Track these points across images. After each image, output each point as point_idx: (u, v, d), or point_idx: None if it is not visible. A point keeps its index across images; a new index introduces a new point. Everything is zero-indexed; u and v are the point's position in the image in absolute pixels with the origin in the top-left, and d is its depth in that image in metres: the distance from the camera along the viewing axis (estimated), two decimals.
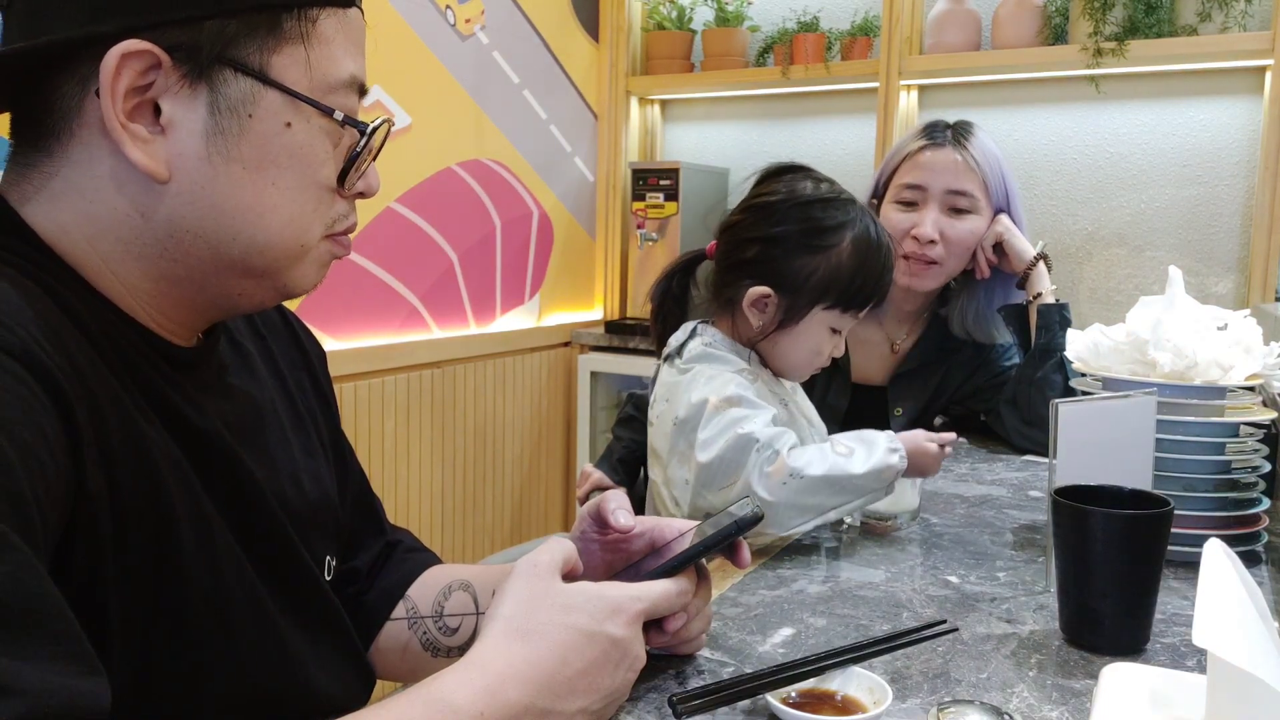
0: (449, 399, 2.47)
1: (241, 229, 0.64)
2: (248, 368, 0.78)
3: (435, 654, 0.88)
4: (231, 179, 0.63)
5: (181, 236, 0.64)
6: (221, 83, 0.61)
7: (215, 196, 0.63)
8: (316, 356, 0.89)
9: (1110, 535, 0.84)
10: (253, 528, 0.69)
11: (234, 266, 0.66)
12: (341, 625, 0.79)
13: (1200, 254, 2.41)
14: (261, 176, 0.64)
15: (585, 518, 0.86)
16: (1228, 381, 1.09)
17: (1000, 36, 2.46)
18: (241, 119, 0.62)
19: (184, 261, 0.65)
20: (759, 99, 2.96)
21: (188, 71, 0.60)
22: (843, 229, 1.24)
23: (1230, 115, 2.35)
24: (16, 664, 0.44)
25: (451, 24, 2.42)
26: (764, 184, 1.31)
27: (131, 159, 0.60)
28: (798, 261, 1.24)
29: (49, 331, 0.56)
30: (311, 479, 0.80)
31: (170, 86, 0.60)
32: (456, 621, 0.87)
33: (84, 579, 0.56)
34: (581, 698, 0.63)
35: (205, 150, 0.62)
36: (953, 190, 1.67)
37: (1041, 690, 0.78)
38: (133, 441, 0.59)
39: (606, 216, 3.03)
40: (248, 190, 0.64)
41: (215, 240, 0.64)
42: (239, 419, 0.72)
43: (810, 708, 0.71)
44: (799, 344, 1.27)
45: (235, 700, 0.66)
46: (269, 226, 0.65)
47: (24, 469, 0.50)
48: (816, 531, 1.21)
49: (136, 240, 0.63)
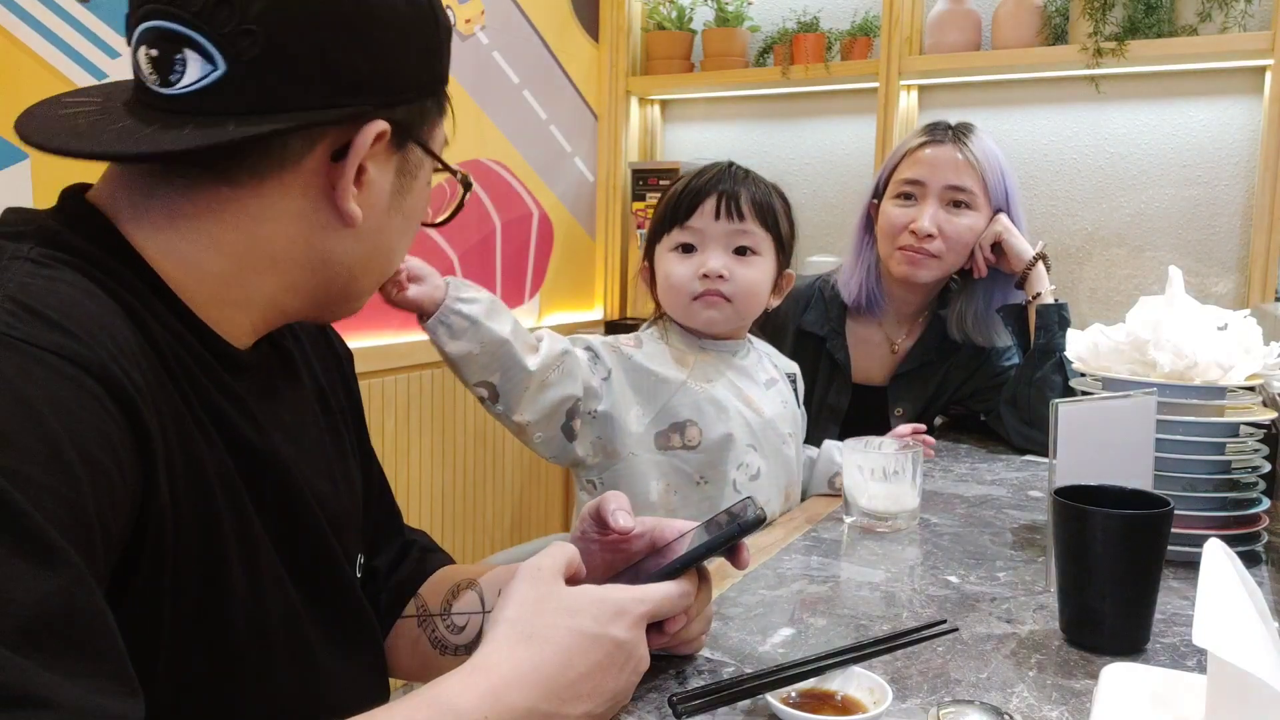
0: (449, 399, 2.47)
1: (382, 264, 0.76)
2: (289, 370, 0.80)
3: (443, 652, 0.89)
4: (395, 227, 0.74)
5: (335, 265, 0.72)
6: (409, 152, 0.73)
7: (382, 239, 0.74)
8: (346, 358, 0.92)
9: (1110, 535, 0.84)
10: (296, 540, 0.71)
11: (350, 290, 0.75)
12: (370, 632, 0.80)
13: (1200, 254, 2.41)
14: (410, 224, 0.77)
15: (585, 518, 0.86)
16: (1228, 381, 1.09)
17: (1000, 37, 2.46)
18: (412, 180, 0.74)
19: (322, 285, 0.72)
20: (759, 99, 2.96)
21: (393, 143, 0.70)
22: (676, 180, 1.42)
23: (1230, 115, 2.35)
24: (57, 678, 0.45)
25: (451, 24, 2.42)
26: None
27: (345, 210, 0.69)
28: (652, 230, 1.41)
29: (124, 348, 0.57)
30: (344, 480, 0.82)
31: (377, 154, 0.69)
32: (464, 620, 0.88)
33: (145, 593, 0.57)
34: (585, 701, 0.63)
35: (389, 204, 0.73)
36: (952, 186, 1.68)
37: (1041, 690, 0.78)
38: (189, 459, 0.61)
39: (606, 217, 3.03)
40: (401, 235, 0.76)
41: (361, 270, 0.74)
42: (287, 418, 0.75)
43: (810, 708, 0.71)
44: (666, 277, 1.35)
45: (262, 713, 0.67)
46: (394, 261, 0.77)
47: (91, 486, 0.51)
48: (816, 531, 1.21)
49: (285, 259, 0.70)
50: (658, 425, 1.29)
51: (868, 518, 1.23)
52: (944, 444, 1.71)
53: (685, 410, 1.29)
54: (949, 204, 1.68)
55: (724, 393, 1.32)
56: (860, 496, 1.23)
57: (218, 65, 0.62)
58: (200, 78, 0.63)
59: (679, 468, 1.30)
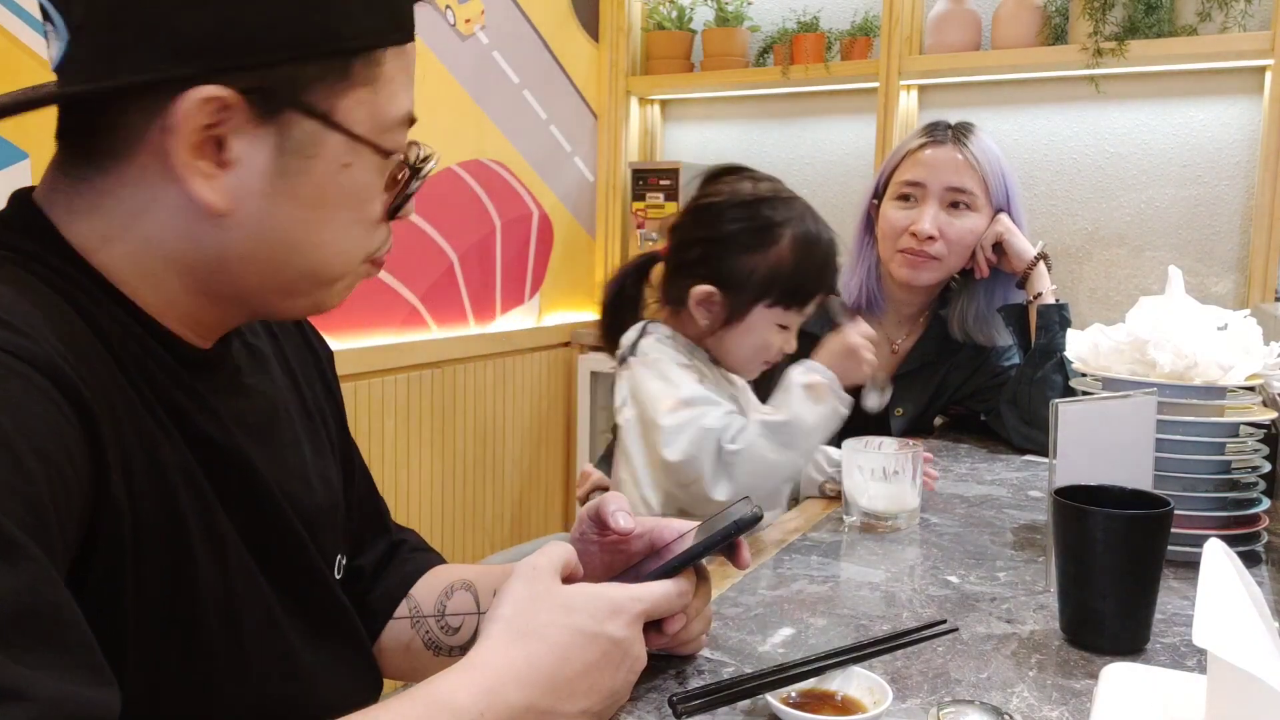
0: (449, 399, 2.47)
1: (293, 260, 0.66)
2: (262, 367, 0.78)
3: (437, 653, 0.88)
4: (289, 216, 0.64)
5: (232, 263, 0.65)
6: (289, 125, 0.62)
7: (273, 231, 0.64)
8: (326, 357, 0.89)
9: (1110, 535, 0.84)
10: (266, 536, 0.69)
11: (280, 290, 0.68)
12: (352, 628, 0.79)
13: (1200, 254, 2.41)
14: (318, 215, 0.65)
15: (585, 519, 0.86)
16: (1228, 381, 1.09)
17: (1000, 36, 2.46)
18: (304, 160, 0.63)
19: (231, 284, 0.66)
20: (759, 99, 2.96)
21: (259, 113, 0.61)
22: (783, 226, 1.27)
23: (1230, 115, 2.35)
24: (29, 671, 0.45)
25: (451, 24, 2.42)
26: (706, 186, 1.34)
27: (194, 194, 0.61)
28: (739, 260, 1.26)
29: (72, 344, 0.56)
30: (321, 479, 0.80)
31: (239, 125, 0.61)
32: (458, 621, 0.87)
33: (103, 590, 0.56)
34: (582, 698, 0.63)
35: (269, 189, 0.63)
36: (952, 187, 1.67)
37: (1041, 690, 0.78)
38: (148, 455, 0.60)
39: (606, 216, 3.03)
40: (304, 227, 0.65)
41: (266, 268, 0.66)
42: (254, 420, 0.73)
43: (810, 708, 0.71)
44: (745, 341, 1.29)
45: (244, 711, 0.66)
46: (320, 259, 0.67)
47: (45, 480, 0.50)
48: (816, 531, 1.21)
49: (183, 260, 0.64)
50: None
51: (868, 518, 1.23)
52: (944, 444, 1.71)
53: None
54: (949, 205, 1.68)
55: (752, 401, 1.36)
56: (860, 496, 1.23)
57: (61, 34, 0.59)
58: (60, 51, 0.60)
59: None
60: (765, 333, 1.29)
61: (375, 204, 0.68)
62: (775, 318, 1.28)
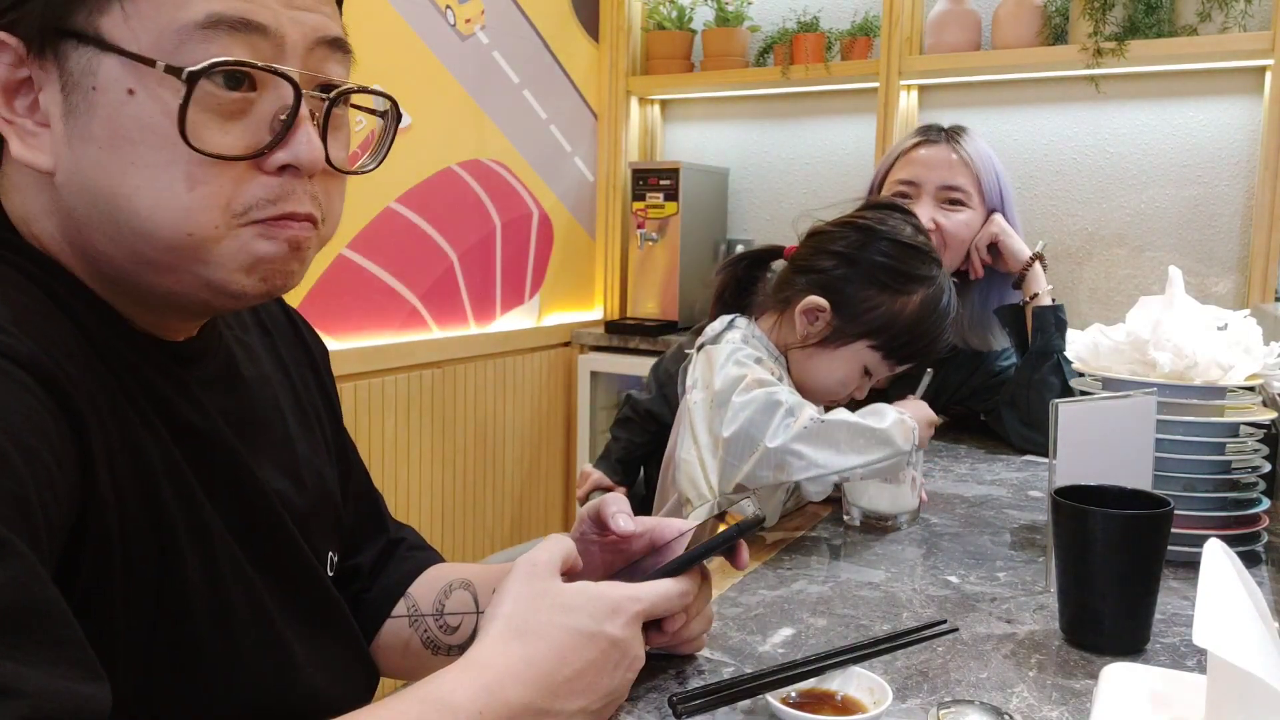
0: (449, 399, 2.47)
1: (117, 216, 0.58)
2: (252, 362, 0.77)
3: (436, 652, 0.88)
4: (91, 161, 0.57)
5: (83, 228, 0.59)
6: (65, 58, 0.56)
7: (84, 182, 0.57)
8: (320, 354, 0.88)
9: (1110, 535, 0.84)
10: (253, 528, 0.68)
11: (137, 259, 0.59)
12: (345, 623, 0.79)
13: (1200, 254, 2.41)
14: (118, 155, 0.56)
15: (585, 519, 0.86)
16: (1228, 381, 1.09)
17: (1000, 36, 2.46)
18: (87, 93, 0.56)
19: (98, 257, 0.60)
20: (759, 99, 2.96)
21: (36, 50, 0.56)
22: (922, 282, 1.26)
23: (1230, 115, 2.35)
24: (19, 667, 0.44)
25: (451, 24, 2.42)
26: (870, 210, 1.33)
27: (13, 153, 0.57)
28: (866, 291, 1.25)
29: (51, 336, 0.55)
30: (314, 475, 0.79)
31: (40, 75, 0.57)
32: (457, 620, 0.87)
33: (92, 585, 0.56)
34: (580, 698, 0.63)
35: (67, 133, 0.57)
36: (946, 185, 1.68)
37: (1041, 690, 0.78)
38: (130, 448, 0.59)
39: (606, 216, 3.03)
40: (108, 172, 0.57)
41: (104, 232, 0.58)
42: (242, 414, 0.72)
43: (810, 708, 0.71)
44: (831, 368, 1.28)
45: (237, 706, 0.66)
46: (139, 211, 0.57)
47: (31, 475, 0.49)
48: (816, 531, 1.21)
49: (66, 238, 0.60)
50: None
51: (868, 518, 1.23)
52: (944, 444, 1.71)
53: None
54: (944, 203, 1.69)
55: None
56: (860, 497, 1.23)
57: None
58: None
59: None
60: (852, 369, 1.28)
61: (196, 136, 0.56)
62: (868, 360, 1.27)
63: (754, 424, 1.12)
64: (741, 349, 1.24)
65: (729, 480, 1.15)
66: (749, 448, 1.12)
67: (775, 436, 1.10)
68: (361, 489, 0.92)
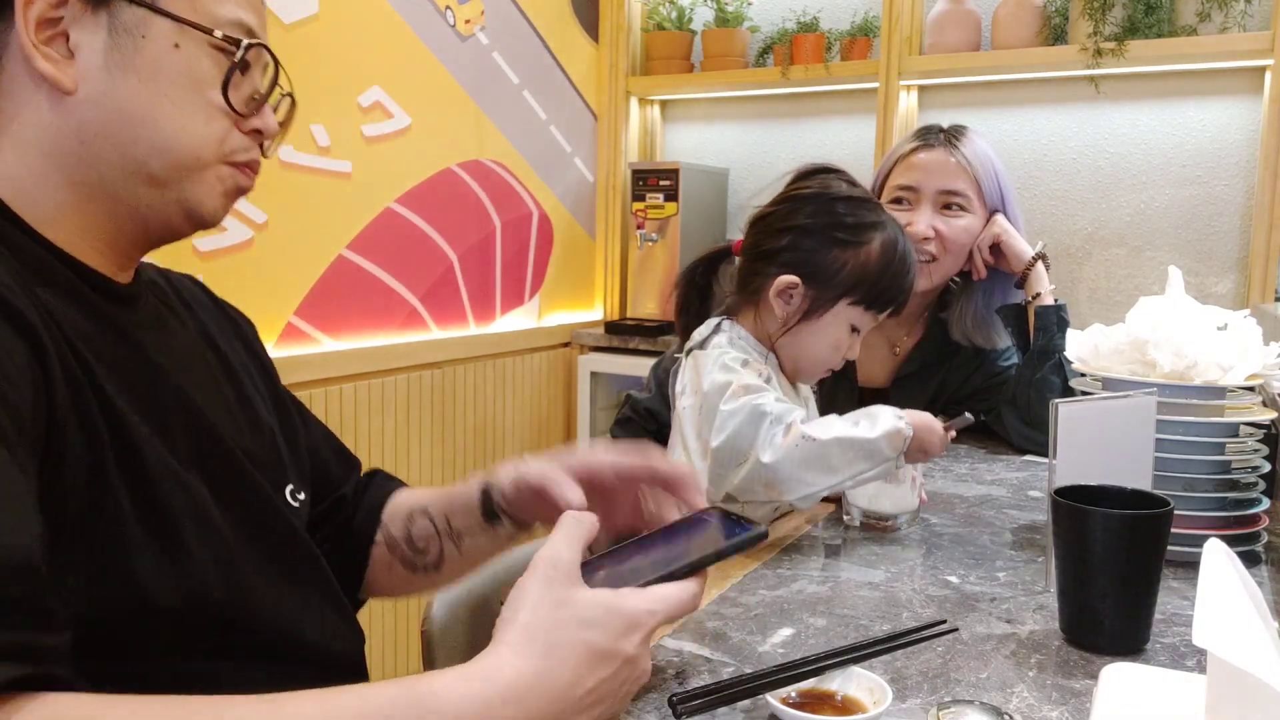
0: (449, 399, 2.47)
1: (140, 132, 0.72)
2: (176, 318, 0.84)
3: (414, 571, 0.96)
4: (129, 88, 0.72)
5: (91, 140, 0.71)
6: (117, 11, 0.71)
7: (117, 102, 0.72)
8: (247, 325, 0.95)
9: (1110, 535, 0.84)
10: (199, 449, 0.73)
11: (138, 171, 0.73)
12: (296, 540, 0.80)
13: (1200, 254, 2.41)
14: (155, 88, 0.72)
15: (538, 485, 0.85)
16: (1228, 381, 1.09)
17: (1000, 37, 2.46)
18: (136, 39, 0.71)
19: (96, 167, 0.72)
20: (759, 99, 2.96)
21: (90, 4, 0.70)
22: (873, 229, 1.27)
23: (1230, 115, 2.35)
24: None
25: (451, 24, 2.42)
26: (798, 181, 1.34)
27: (40, 70, 0.69)
28: (829, 254, 1.26)
29: (8, 272, 0.62)
30: (249, 420, 0.84)
31: (77, 17, 0.70)
32: (423, 544, 0.95)
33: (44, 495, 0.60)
34: (584, 713, 0.63)
35: (108, 64, 0.71)
36: (944, 190, 1.68)
37: (1041, 690, 0.78)
38: (72, 379, 0.64)
39: (606, 217, 3.03)
40: (144, 99, 0.72)
41: (120, 141, 0.72)
42: (175, 353, 0.78)
43: (810, 708, 0.71)
44: (821, 338, 1.28)
45: (186, 615, 0.68)
46: (163, 131, 0.73)
47: (16, 397, 0.57)
48: (816, 531, 1.21)
49: (56, 151, 0.71)
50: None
51: (868, 518, 1.23)
52: None
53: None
54: (943, 208, 1.69)
55: (814, 413, 1.37)
56: (860, 497, 1.23)
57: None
58: None
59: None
60: (840, 331, 1.28)
61: (213, 91, 0.74)
62: (852, 317, 1.28)
63: (740, 435, 1.13)
64: (728, 352, 1.24)
65: (719, 488, 1.15)
66: (736, 458, 1.13)
67: (764, 449, 1.11)
68: (322, 432, 1.00)
